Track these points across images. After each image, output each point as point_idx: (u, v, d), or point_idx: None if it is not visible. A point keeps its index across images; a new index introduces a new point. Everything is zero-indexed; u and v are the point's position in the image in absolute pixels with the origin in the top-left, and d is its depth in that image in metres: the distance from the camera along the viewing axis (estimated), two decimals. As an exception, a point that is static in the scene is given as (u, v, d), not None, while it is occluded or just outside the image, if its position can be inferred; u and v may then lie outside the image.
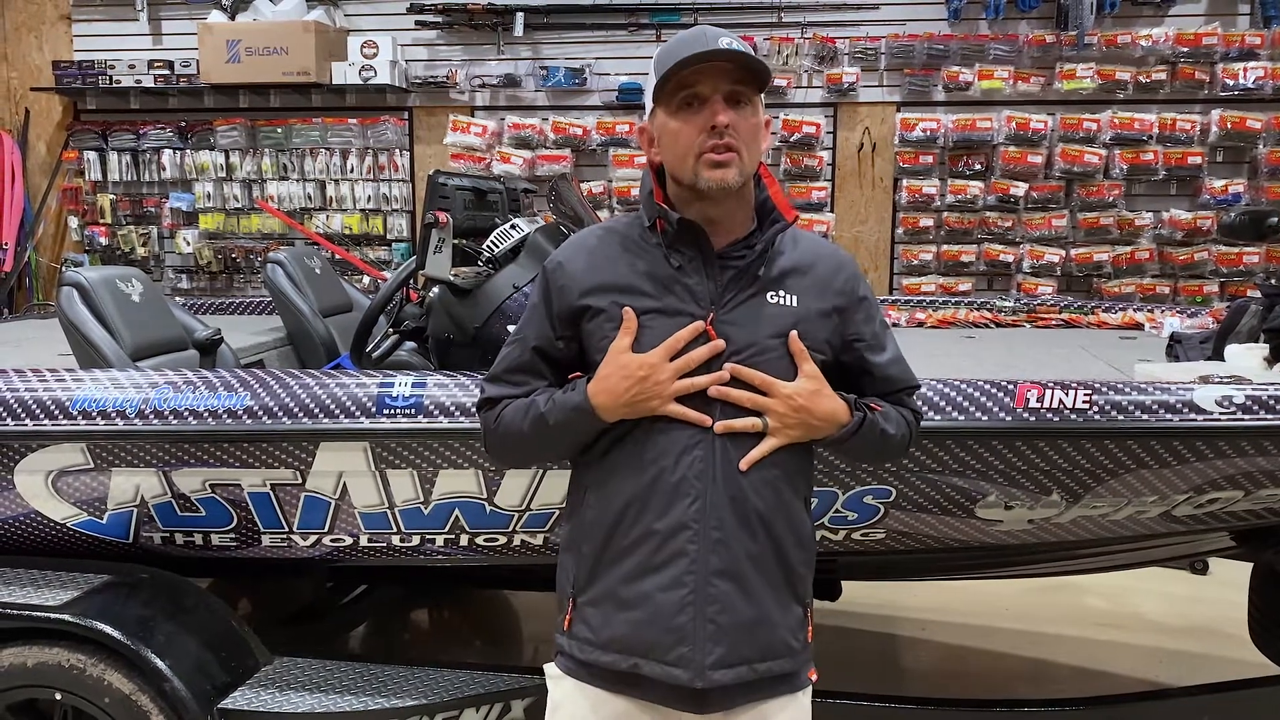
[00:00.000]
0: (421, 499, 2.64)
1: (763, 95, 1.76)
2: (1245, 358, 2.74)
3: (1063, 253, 5.81)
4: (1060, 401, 2.39)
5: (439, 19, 6.20)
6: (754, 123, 1.73)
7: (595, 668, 1.78)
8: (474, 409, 2.03)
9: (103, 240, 6.62)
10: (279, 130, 6.38)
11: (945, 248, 5.94)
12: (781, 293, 1.77)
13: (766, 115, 1.78)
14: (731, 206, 1.76)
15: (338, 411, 2.56)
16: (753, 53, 1.71)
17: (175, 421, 2.59)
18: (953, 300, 4.43)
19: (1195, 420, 2.35)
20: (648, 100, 1.78)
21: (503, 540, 2.71)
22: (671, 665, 1.72)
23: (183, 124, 6.50)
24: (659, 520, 1.72)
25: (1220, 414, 2.35)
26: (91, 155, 6.55)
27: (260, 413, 2.57)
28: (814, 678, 1.86)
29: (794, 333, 1.74)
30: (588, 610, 1.78)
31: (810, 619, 1.85)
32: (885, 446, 1.86)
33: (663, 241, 1.77)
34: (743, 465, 1.72)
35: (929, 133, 5.85)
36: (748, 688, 1.76)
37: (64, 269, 6.26)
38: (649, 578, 1.72)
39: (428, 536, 2.72)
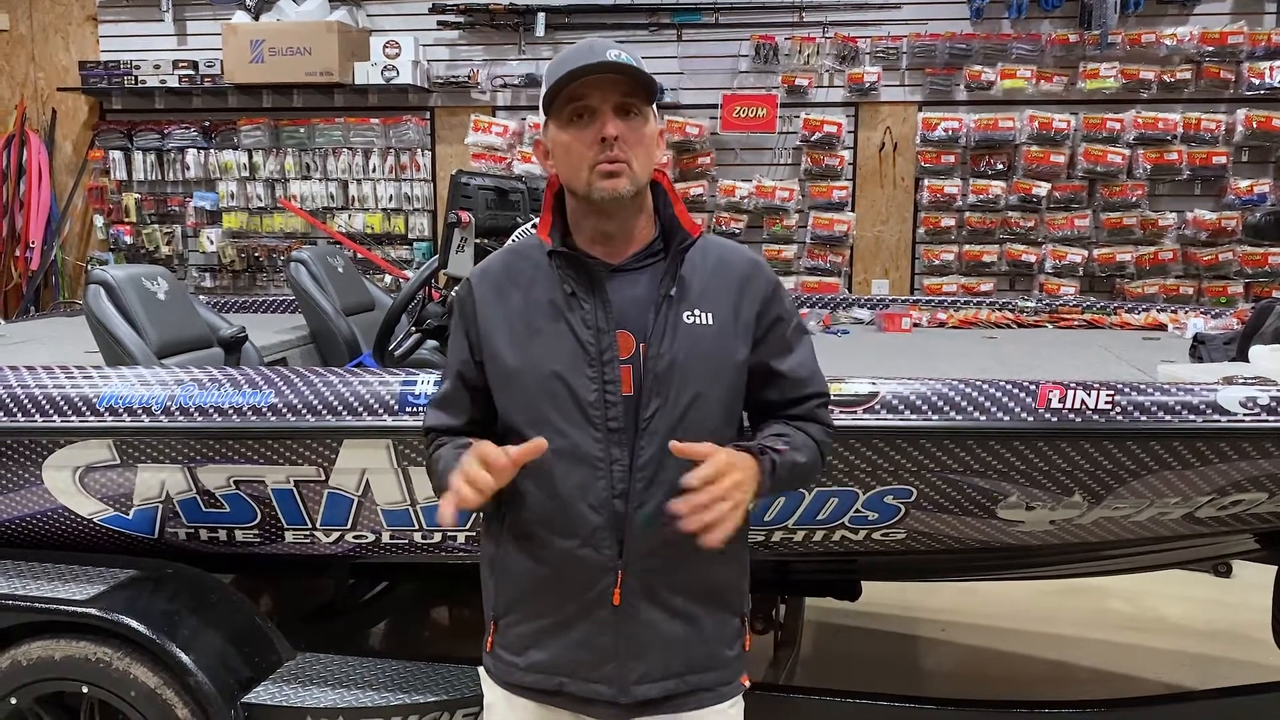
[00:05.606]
0: (443, 496, 2.65)
1: (654, 106, 1.75)
2: (1270, 359, 2.71)
3: (1085, 253, 5.78)
4: (1082, 402, 2.37)
5: (461, 19, 6.23)
6: (644, 133, 1.71)
7: (520, 686, 1.80)
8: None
9: (127, 239, 6.69)
10: (302, 130, 6.43)
11: (967, 248, 5.92)
12: (697, 311, 1.74)
13: (660, 125, 1.77)
14: (628, 217, 1.75)
15: (361, 409, 2.57)
16: (640, 65, 1.69)
17: (200, 418, 2.61)
18: (974, 300, 4.40)
19: (1219, 421, 2.33)
20: (540, 114, 1.77)
21: (523, 538, 2.72)
22: (595, 683, 1.74)
23: (207, 124, 6.56)
24: (574, 545, 1.71)
25: (1244, 415, 2.33)
26: (117, 155, 6.62)
27: (284, 410, 2.59)
28: (746, 684, 1.85)
29: (673, 443, 1.62)
30: (510, 633, 1.80)
31: (746, 627, 1.85)
32: (807, 474, 1.83)
33: (556, 266, 1.75)
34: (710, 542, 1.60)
35: (951, 132, 5.83)
36: (676, 699, 1.76)
37: (90, 267, 6.34)
38: (570, 602, 1.73)
39: (449, 533, 2.73)
